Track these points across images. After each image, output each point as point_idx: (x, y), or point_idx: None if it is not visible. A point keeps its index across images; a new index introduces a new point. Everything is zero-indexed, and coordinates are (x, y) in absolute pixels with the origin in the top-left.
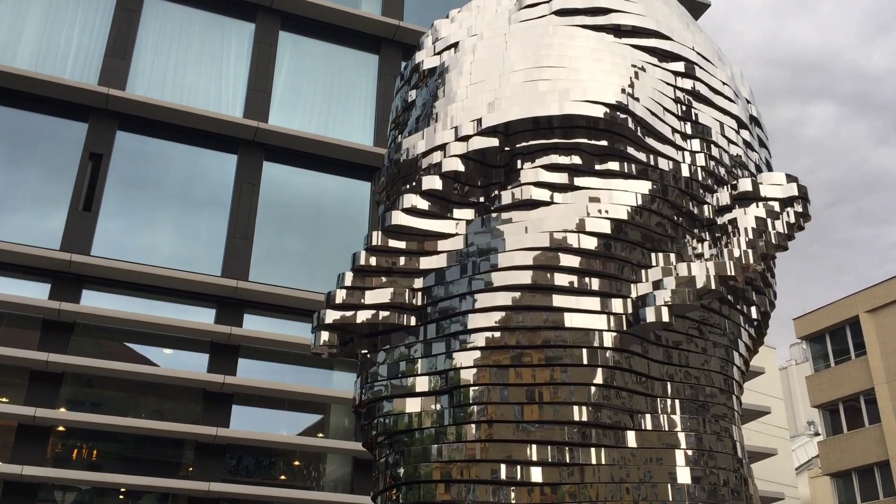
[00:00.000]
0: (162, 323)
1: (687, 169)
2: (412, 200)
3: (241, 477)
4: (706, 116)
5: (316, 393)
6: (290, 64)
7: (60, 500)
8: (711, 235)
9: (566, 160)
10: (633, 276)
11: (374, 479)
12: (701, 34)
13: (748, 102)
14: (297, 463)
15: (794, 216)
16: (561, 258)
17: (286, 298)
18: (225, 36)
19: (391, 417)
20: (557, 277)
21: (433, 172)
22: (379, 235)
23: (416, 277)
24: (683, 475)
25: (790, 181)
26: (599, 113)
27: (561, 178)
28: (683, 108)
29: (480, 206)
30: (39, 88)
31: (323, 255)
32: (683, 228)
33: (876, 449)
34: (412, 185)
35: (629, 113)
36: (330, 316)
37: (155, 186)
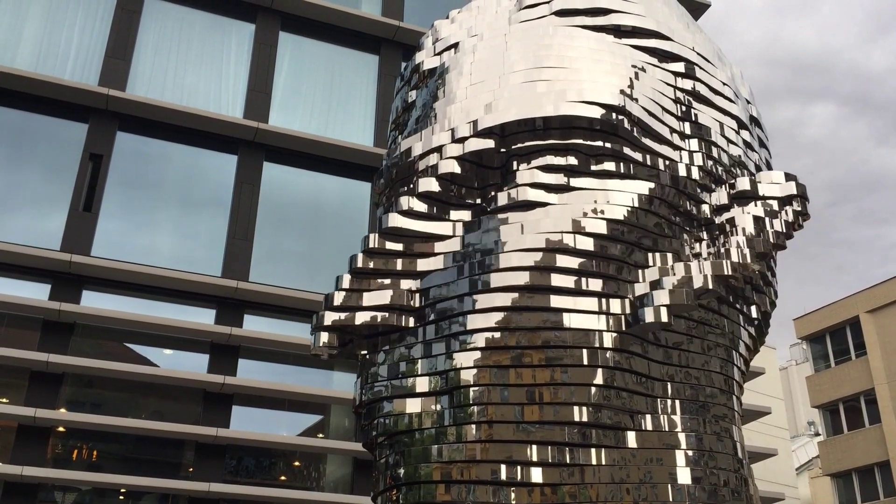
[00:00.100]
0: (162, 323)
1: (685, 169)
2: (409, 203)
3: (241, 477)
4: (706, 117)
5: (316, 393)
6: (290, 64)
7: (61, 500)
8: (710, 234)
9: (562, 161)
10: (631, 276)
11: (374, 479)
12: (701, 34)
13: (748, 103)
14: (297, 463)
15: (792, 215)
16: (558, 259)
17: (286, 299)
18: (225, 37)
19: (391, 418)
20: (555, 278)
21: (430, 174)
22: (376, 238)
23: (413, 279)
24: (684, 476)
25: (789, 180)
26: (596, 114)
27: (557, 178)
28: (683, 108)
29: (477, 207)
30: (39, 89)
31: (323, 255)
32: (681, 228)
33: (876, 449)
34: (409, 186)
35: (626, 114)
36: (329, 318)
37: (155, 187)
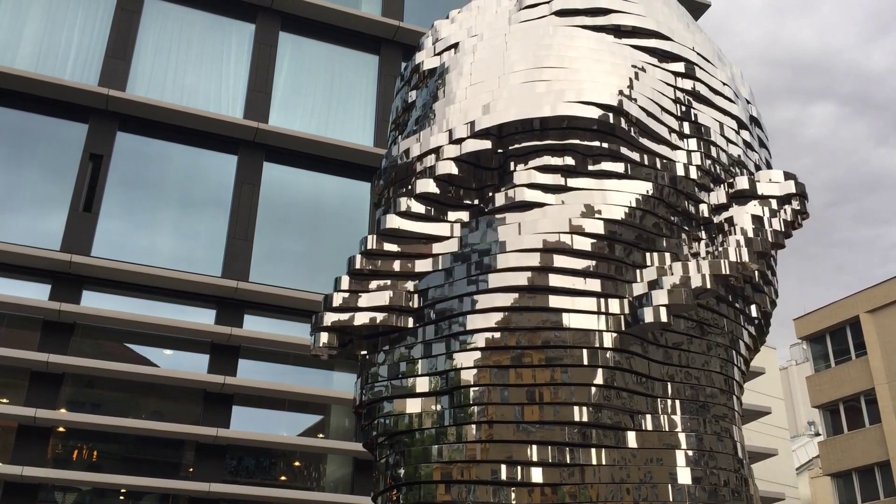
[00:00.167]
0: (162, 324)
1: (683, 168)
2: (406, 204)
3: (241, 478)
4: (706, 116)
5: (316, 393)
6: (290, 65)
7: (61, 500)
8: (708, 234)
9: (559, 161)
10: (629, 276)
11: (374, 479)
12: (701, 35)
13: (748, 103)
14: (297, 463)
15: (791, 213)
16: (556, 259)
17: (286, 299)
18: (225, 37)
19: (392, 418)
20: (553, 278)
21: (427, 175)
22: (374, 239)
23: (412, 280)
24: (684, 476)
25: (788, 178)
26: (593, 114)
27: (554, 179)
28: (683, 108)
29: (475, 207)
30: (40, 89)
31: (323, 255)
32: (680, 227)
33: (876, 449)
34: (408, 188)
35: (624, 114)
36: (328, 319)
37: (155, 187)
